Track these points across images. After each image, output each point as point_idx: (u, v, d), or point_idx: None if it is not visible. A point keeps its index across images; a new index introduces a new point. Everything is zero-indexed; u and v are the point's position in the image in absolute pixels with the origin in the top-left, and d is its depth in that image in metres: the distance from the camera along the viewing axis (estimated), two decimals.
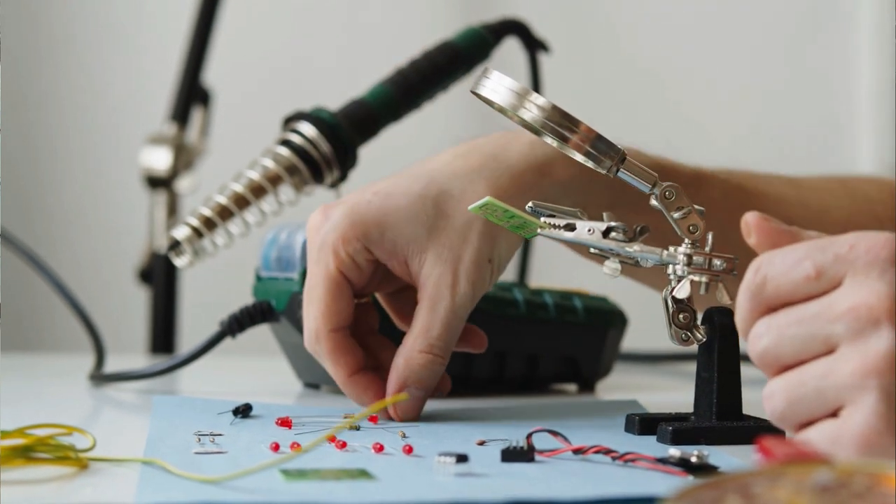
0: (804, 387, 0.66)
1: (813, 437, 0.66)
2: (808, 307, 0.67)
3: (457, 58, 1.16)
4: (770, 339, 0.68)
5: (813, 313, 0.67)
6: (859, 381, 0.65)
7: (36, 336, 1.87)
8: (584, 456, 0.75)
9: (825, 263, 0.67)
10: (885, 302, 0.65)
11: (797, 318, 0.67)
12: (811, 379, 0.66)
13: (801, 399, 0.67)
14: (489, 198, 0.79)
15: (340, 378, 0.89)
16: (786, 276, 0.68)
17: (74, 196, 1.89)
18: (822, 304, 0.67)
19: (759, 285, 0.68)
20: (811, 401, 0.66)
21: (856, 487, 0.52)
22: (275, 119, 1.14)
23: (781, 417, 0.68)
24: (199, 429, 0.83)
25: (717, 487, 0.53)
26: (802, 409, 0.67)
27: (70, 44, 1.89)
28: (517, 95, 0.79)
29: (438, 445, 0.78)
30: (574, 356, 1.09)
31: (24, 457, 0.71)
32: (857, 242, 0.67)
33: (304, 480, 0.68)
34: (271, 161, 1.09)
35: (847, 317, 0.66)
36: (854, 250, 0.67)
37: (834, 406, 0.66)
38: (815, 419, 0.67)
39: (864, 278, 0.66)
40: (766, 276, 0.68)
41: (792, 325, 0.67)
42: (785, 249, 0.69)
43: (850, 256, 0.67)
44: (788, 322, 0.67)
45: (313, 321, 0.89)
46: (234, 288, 1.35)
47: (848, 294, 0.66)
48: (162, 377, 1.10)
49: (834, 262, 0.67)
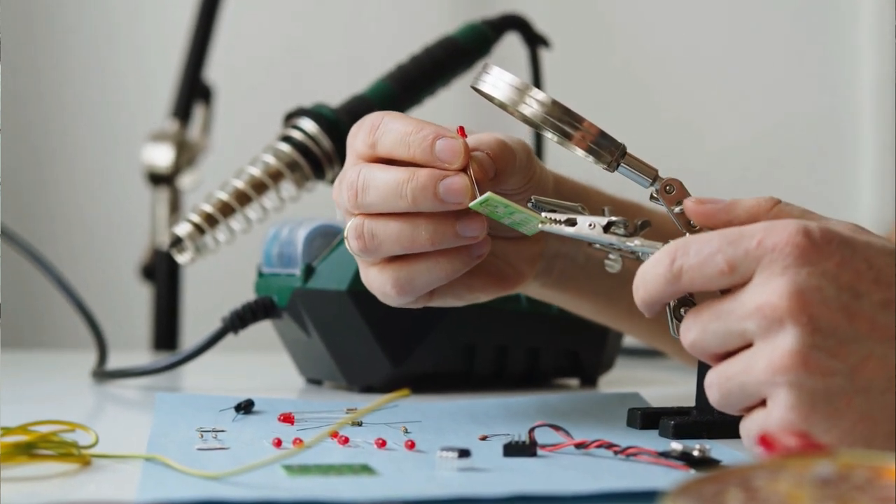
0: (730, 381, 0.70)
1: (748, 427, 0.70)
2: (724, 304, 0.69)
3: (457, 53, 1.16)
4: (696, 333, 0.71)
5: (728, 310, 0.69)
6: (771, 378, 0.68)
7: (39, 333, 1.87)
8: (585, 450, 0.75)
9: (736, 258, 0.69)
10: (786, 301, 0.67)
11: (716, 313, 0.70)
12: (735, 374, 0.69)
13: (731, 392, 0.70)
14: (490, 193, 0.79)
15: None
16: (700, 271, 0.70)
17: (76, 193, 1.89)
18: (735, 300, 0.69)
19: (675, 275, 0.70)
20: (738, 394, 0.69)
21: (856, 480, 0.52)
22: (276, 115, 1.14)
23: (722, 406, 0.71)
24: (202, 425, 0.83)
25: (719, 481, 0.53)
26: (735, 401, 0.70)
27: (72, 41, 1.89)
28: (517, 91, 0.79)
29: (440, 440, 0.78)
30: (576, 350, 1.09)
31: (27, 453, 0.71)
32: (764, 237, 0.69)
33: (307, 476, 0.68)
34: (272, 157, 1.09)
35: (755, 316, 0.68)
36: (761, 246, 0.69)
37: (759, 398, 0.69)
38: (748, 407, 0.70)
39: (769, 275, 0.68)
40: (682, 267, 0.70)
41: (713, 320, 0.70)
42: (700, 240, 0.70)
43: (758, 253, 0.69)
44: (710, 317, 0.70)
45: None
46: (236, 284, 1.36)
47: (755, 292, 0.68)
48: (164, 374, 1.10)
49: (745, 258, 0.69)
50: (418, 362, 1.03)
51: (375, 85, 1.14)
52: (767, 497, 0.51)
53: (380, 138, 0.82)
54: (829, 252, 0.69)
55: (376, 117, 0.83)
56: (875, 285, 0.69)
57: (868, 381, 0.67)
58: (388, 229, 0.81)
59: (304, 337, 1.05)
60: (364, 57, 1.80)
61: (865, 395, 0.67)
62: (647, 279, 0.72)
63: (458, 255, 0.82)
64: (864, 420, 0.68)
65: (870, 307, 0.68)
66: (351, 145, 0.84)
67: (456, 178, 0.80)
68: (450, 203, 0.80)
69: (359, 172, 0.82)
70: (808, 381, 0.67)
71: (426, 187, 0.79)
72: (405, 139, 0.81)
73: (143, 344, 1.65)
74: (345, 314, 1.02)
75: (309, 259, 1.04)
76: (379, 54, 1.28)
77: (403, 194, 0.80)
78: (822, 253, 0.68)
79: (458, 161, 0.80)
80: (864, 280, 0.69)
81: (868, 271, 0.69)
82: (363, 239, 0.82)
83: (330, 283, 1.02)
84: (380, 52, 1.30)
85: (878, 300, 0.68)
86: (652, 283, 0.72)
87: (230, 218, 1.09)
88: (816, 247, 0.68)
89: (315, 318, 1.03)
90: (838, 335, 0.67)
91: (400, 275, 0.83)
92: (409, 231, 0.81)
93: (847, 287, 0.68)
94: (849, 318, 0.68)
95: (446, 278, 0.83)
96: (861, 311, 0.68)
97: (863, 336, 0.68)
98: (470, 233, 0.81)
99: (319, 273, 1.03)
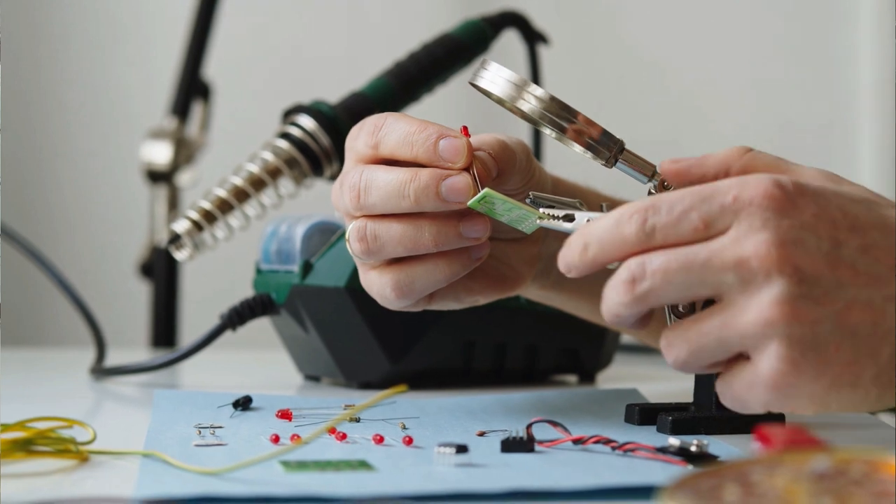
0: (706, 337, 0.69)
1: (731, 383, 0.70)
2: (697, 255, 0.69)
3: (456, 50, 1.16)
4: (655, 282, 0.69)
5: (702, 262, 0.69)
6: (761, 331, 0.68)
7: (37, 330, 1.87)
8: (583, 446, 0.75)
9: (711, 214, 0.69)
10: (773, 251, 0.68)
11: (685, 264, 0.69)
12: (712, 329, 0.69)
13: (704, 348, 0.69)
14: (488, 189, 0.79)
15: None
16: (674, 229, 0.69)
17: (75, 191, 1.89)
18: (710, 251, 0.69)
19: (648, 235, 0.70)
20: (714, 349, 0.69)
21: (853, 475, 0.53)
22: (275, 112, 1.14)
23: (684, 364, 0.70)
24: (200, 421, 0.83)
25: (716, 476, 0.53)
26: (705, 357, 0.70)
27: (70, 39, 1.89)
28: (515, 87, 0.79)
29: (438, 436, 0.78)
30: (574, 347, 1.09)
31: (25, 450, 0.71)
32: (740, 193, 0.69)
33: (304, 472, 0.68)
34: (271, 154, 1.09)
35: (737, 269, 0.68)
36: (738, 201, 0.69)
37: (736, 352, 0.69)
38: (717, 363, 0.70)
39: (749, 228, 0.68)
40: (655, 227, 0.70)
41: (680, 271, 0.69)
42: (671, 198, 0.70)
43: (735, 207, 0.69)
44: (677, 268, 0.69)
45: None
46: (234, 281, 1.36)
47: (736, 244, 0.68)
48: (163, 371, 1.10)
49: (720, 214, 0.69)
50: (416, 359, 1.04)
51: (374, 82, 1.14)
52: (764, 492, 0.51)
53: (383, 139, 0.82)
54: (805, 204, 0.69)
55: (378, 118, 0.83)
56: (852, 232, 0.70)
57: (854, 326, 0.69)
58: (391, 231, 0.81)
59: (303, 333, 1.05)
60: (363, 54, 1.80)
61: (852, 339, 0.69)
62: (609, 239, 0.71)
63: (458, 258, 0.82)
64: (851, 365, 0.69)
65: (850, 254, 0.69)
66: (351, 147, 0.84)
67: (458, 178, 0.80)
68: (452, 202, 0.80)
69: (361, 174, 0.82)
70: (797, 331, 0.68)
71: (428, 186, 0.80)
72: (409, 139, 0.81)
73: (141, 341, 1.65)
74: (343, 311, 1.02)
75: (307, 256, 1.04)
76: (377, 51, 1.27)
77: (406, 194, 0.80)
78: (797, 205, 0.69)
79: (461, 160, 0.80)
80: (841, 228, 0.70)
81: (843, 219, 0.70)
82: (366, 241, 0.82)
83: (328, 280, 1.02)
84: (378, 49, 1.30)
85: (857, 246, 0.70)
86: (619, 242, 0.70)
87: (228, 215, 1.09)
88: (792, 199, 0.69)
89: (313, 314, 1.03)
90: (822, 284, 0.68)
91: (399, 277, 0.83)
92: (412, 232, 0.81)
93: (826, 236, 0.69)
94: (831, 267, 0.69)
95: (445, 281, 0.83)
96: (842, 258, 0.69)
97: (846, 283, 0.69)
98: (473, 234, 0.81)
99: (317, 270, 1.03)
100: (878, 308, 0.69)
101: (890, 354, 0.69)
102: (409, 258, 0.83)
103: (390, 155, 0.82)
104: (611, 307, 0.71)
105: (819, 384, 0.68)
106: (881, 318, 0.69)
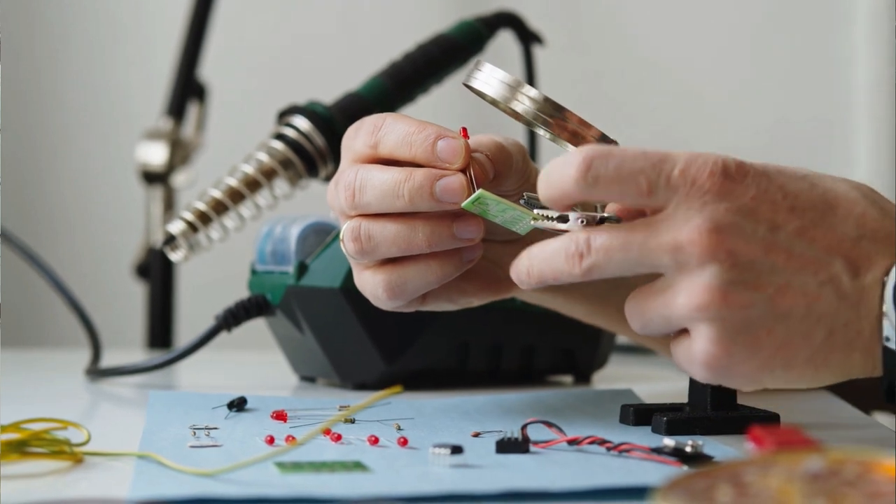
0: (652, 312, 0.72)
1: (676, 354, 0.73)
2: (635, 235, 0.70)
3: (451, 50, 1.16)
4: (597, 259, 0.71)
5: (639, 242, 0.70)
6: (692, 314, 0.70)
7: (32, 331, 1.87)
8: (578, 446, 0.75)
9: (657, 183, 0.70)
10: (707, 238, 0.69)
11: (624, 243, 0.71)
12: (656, 307, 0.71)
13: (651, 322, 0.72)
14: (482, 191, 0.79)
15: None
16: (618, 185, 0.71)
17: (70, 192, 1.89)
18: (648, 231, 0.70)
19: (588, 183, 0.71)
20: (659, 324, 0.72)
21: (847, 475, 0.53)
22: (270, 113, 1.14)
23: (643, 332, 0.73)
24: (195, 422, 0.83)
25: (709, 476, 0.53)
26: (655, 329, 0.73)
27: (66, 39, 1.89)
28: (509, 87, 0.79)
29: (433, 437, 0.78)
30: (570, 348, 1.09)
31: (20, 451, 0.71)
32: (687, 167, 0.70)
33: (299, 473, 0.68)
34: (266, 155, 1.09)
35: (673, 252, 0.70)
36: (683, 176, 0.70)
37: (680, 327, 0.72)
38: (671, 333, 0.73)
39: (686, 210, 0.70)
40: (598, 177, 0.71)
41: (620, 249, 0.71)
42: (625, 155, 0.71)
43: (678, 182, 0.70)
44: (618, 246, 0.71)
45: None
46: (229, 282, 1.36)
47: (673, 227, 0.70)
48: (158, 371, 1.10)
49: (665, 185, 0.70)
50: (412, 360, 1.03)
51: (369, 82, 1.14)
52: (758, 492, 0.52)
53: (382, 138, 0.82)
54: (746, 186, 0.70)
55: (378, 118, 0.83)
56: (791, 214, 0.71)
57: (787, 309, 0.70)
58: (385, 231, 0.81)
59: (298, 334, 1.05)
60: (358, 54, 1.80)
61: (785, 322, 0.70)
62: (552, 179, 0.72)
63: (450, 259, 0.83)
64: (784, 347, 0.70)
65: (786, 238, 0.70)
66: (349, 146, 0.84)
67: (452, 178, 0.80)
68: (445, 203, 0.80)
69: (356, 173, 0.82)
70: (727, 315, 0.69)
71: (423, 186, 0.80)
72: (408, 139, 0.81)
73: (136, 342, 1.65)
74: (338, 311, 1.02)
75: (302, 256, 1.04)
76: (373, 52, 1.27)
77: (400, 194, 0.80)
78: (738, 187, 0.70)
79: (458, 161, 0.80)
80: (780, 210, 0.71)
81: (783, 200, 0.71)
82: (360, 241, 0.82)
83: (323, 281, 1.02)
84: (373, 50, 1.30)
85: (794, 229, 0.71)
86: (558, 183, 0.72)
87: (224, 216, 1.09)
88: (733, 181, 0.70)
89: (308, 315, 1.03)
90: (756, 268, 0.70)
91: (392, 278, 0.83)
92: (406, 232, 0.81)
93: (764, 220, 0.70)
94: (766, 251, 0.70)
95: (437, 282, 0.83)
96: (777, 243, 0.70)
97: (780, 267, 0.70)
98: (467, 234, 0.81)
99: (313, 270, 1.03)
100: (813, 293, 0.70)
101: (824, 337, 0.71)
102: (402, 259, 0.83)
103: (389, 155, 0.82)
104: (556, 273, 0.73)
105: (751, 365, 0.70)
106: (815, 302, 0.70)
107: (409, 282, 0.83)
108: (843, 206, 0.72)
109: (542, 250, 0.73)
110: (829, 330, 0.70)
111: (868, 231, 0.71)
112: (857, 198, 0.72)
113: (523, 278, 0.75)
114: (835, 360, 0.71)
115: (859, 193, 0.73)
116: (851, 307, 0.71)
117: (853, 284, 0.71)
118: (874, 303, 0.71)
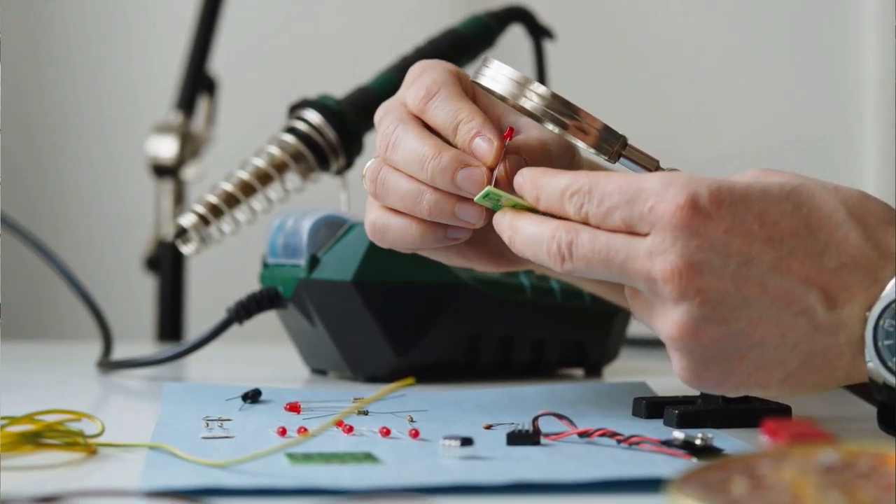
0: (641, 317, 0.74)
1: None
2: (617, 253, 0.71)
3: (461, 45, 1.16)
4: (577, 266, 0.73)
5: (619, 263, 0.71)
6: (667, 340, 0.72)
7: (44, 324, 1.88)
8: (589, 439, 0.75)
9: (632, 219, 0.71)
10: (678, 277, 0.70)
11: (605, 259, 0.72)
12: (642, 317, 0.74)
13: (644, 323, 0.74)
14: (489, 188, 0.79)
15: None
16: (602, 220, 0.72)
17: (81, 185, 1.89)
18: (628, 250, 0.71)
19: (583, 218, 0.72)
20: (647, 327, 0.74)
21: (861, 468, 0.53)
22: (280, 107, 1.14)
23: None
24: (209, 414, 0.83)
25: (724, 469, 0.53)
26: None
27: (76, 33, 1.89)
28: (517, 84, 0.79)
29: (445, 429, 0.78)
30: (581, 341, 1.09)
31: (33, 442, 0.71)
32: (656, 204, 0.70)
33: (310, 464, 0.68)
34: (277, 149, 1.09)
35: (647, 282, 0.71)
36: (653, 212, 0.70)
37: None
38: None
39: (661, 244, 0.70)
40: (588, 214, 0.72)
41: (600, 264, 0.72)
42: (602, 190, 0.72)
43: (651, 218, 0.70)
44: (599, 261, 0.72)
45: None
46: (240, 275, 1.36)
47: (648, 258, 0.70)
48: (169, 364, 1.10)
49: (639, 220, 0.71)
50: (423, 352, 1.04)
51: (380, 76, 1.14)
52: (772, 485, 0.52)
53: (431, 108, 0.83)
54: (719, 217, 0.70)
55: (433, 84, 0.83)
56: (767, 245, 0.70)
57: (760, 340, 0.70)
58: (397, 185, 0.83)
59: (309, 327, 1.05)
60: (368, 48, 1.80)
61: (759, 350, 0.71)
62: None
63: (434, 231, 0.83)
64: (757, 371, 0.71)
65: (759, 272, 0.70)
66: (408, 86, 0.85)
67: (475, 170, 0.81)
68: (463, 190, 0.81)
69: (396, 127, 0.83)
70: (697, 348, 0.70)
71: (446, 169, 0.81)
72: (453, 122, 0.82)
73: (147, 334, 1.65)
74: (350, 304, 1.02)
75: (314, 249, 1.04)
76: (383, 46, 1.27)
77: (425, 168, 0.81)
78: (709, 222, 0.70)
79: (488, 160, 0.81)
80: (755, 242, 0.70)
81: (760, 230, 0.70)
82: (375, 183, 0.84)
83: (335, 274, 1.02)
84: (384, 44, 1.30)
85: (769, 262, 0.70)
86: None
87: (235, 209, 1.09)
88: (705, 215, 0.70)
89: (320, 308, 1.03)
90: (727, 303, 0.70)
91: (380, 221, 0.84)
92: (413, 195, 0.82)
93: (736, 253, 0.70)
94: (738, 286, 0.70)
95: (414, 246, 0.84)
96: (750, 277, 0.70)
97: (752, 301, 0.70)
98: (466, 217, 0.82)
99: (324, 263, 1.03)
100: (786, 324, 0.70)
101: (800, 362, 0.71)
102: (397, 210, 0.84)
103: (432, 124, 0.83)
104: (537, 259, 0.74)
105: (725, 387, 0.72)
106: (790, 332, 0.70)
107: (388, 232, 0.84)
108: (826, 230, 0.71)
109: (525, 228, 0.75)
110: (805, 356, 0.71)
111: (849, 259, 0.70)
112: (841, 220, 0.71)
113: (505, 240, 0.77)
114: (812, 380, 0.72)
115: (845, 212, 0.71)
116: (829, 334, 0.71)
117: (829, 316, 0.70)
118: (855, 333, 0.70)
